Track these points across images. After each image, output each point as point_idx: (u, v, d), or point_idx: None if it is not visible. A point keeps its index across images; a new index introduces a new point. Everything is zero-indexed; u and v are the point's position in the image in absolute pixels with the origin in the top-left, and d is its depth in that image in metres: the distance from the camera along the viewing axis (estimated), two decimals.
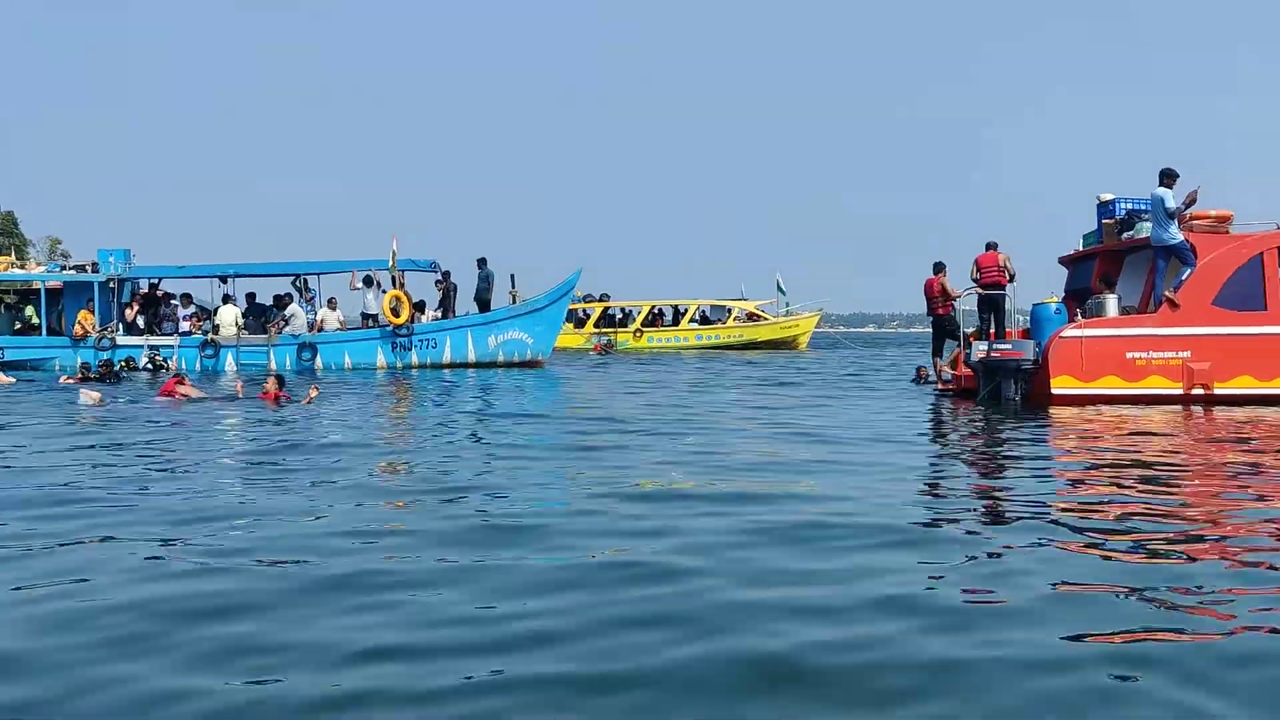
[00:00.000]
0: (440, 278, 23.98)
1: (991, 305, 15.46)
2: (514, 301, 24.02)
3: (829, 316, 53.45)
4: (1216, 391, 12.68)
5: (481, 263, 24.14)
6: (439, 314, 23.89)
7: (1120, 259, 14.84)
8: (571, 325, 35.40)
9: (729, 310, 38.48)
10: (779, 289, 40.97)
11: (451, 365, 22.81)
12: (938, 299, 16.43)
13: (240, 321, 23.02)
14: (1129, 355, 12.85)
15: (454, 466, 7.56)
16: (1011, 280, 15.44)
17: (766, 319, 38.47)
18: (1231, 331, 12.84)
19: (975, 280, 15.57)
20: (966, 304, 16.08)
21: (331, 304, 23.84)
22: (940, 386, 16.03)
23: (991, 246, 15.57)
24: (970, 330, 15.77)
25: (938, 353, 17.00)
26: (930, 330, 17.40)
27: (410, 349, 22.85)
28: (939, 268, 16.51)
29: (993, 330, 15.29)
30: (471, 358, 23.05)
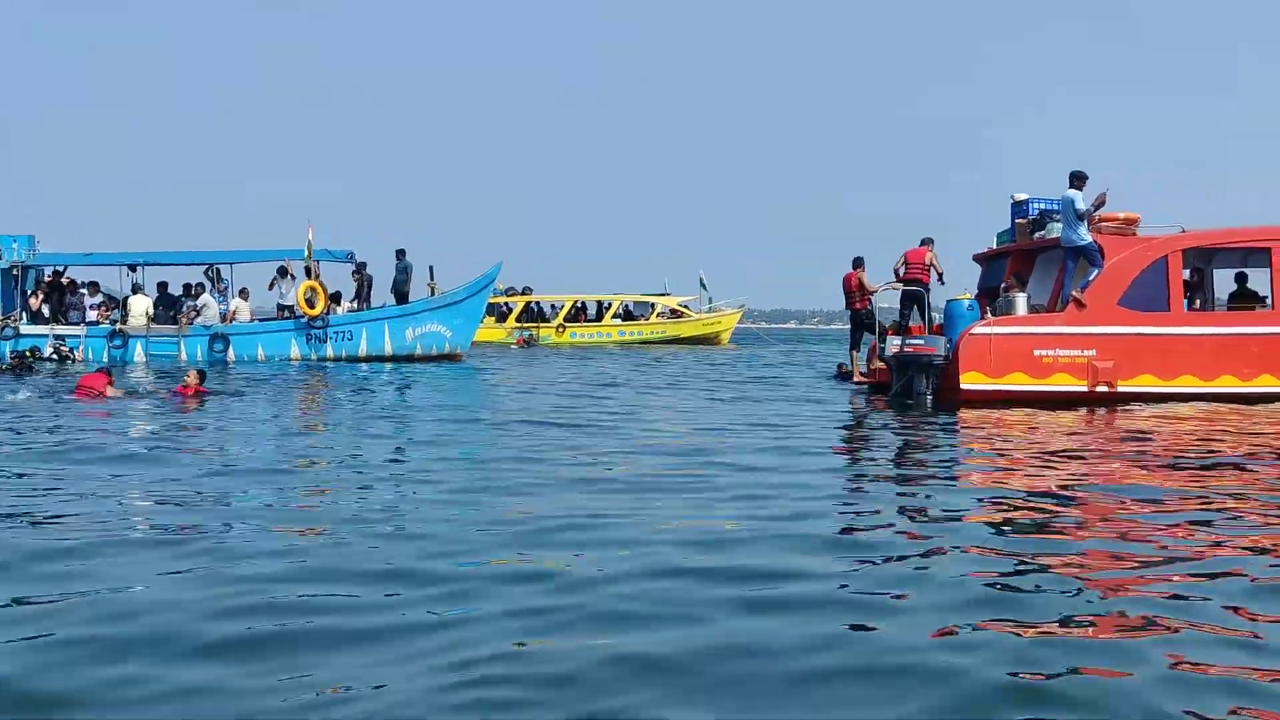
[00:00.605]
0: (357, 269, 23.60)
1: (914, 300, 15.63)
2: (432, 294, 23.74)
3: (751, 313, 53.79)
4: (1119, 389, 12.97)
5: (400, 254, 23.82)
6: (355, 305, 23.53)
7: (1032, 258, 15.13)
8: (493, 319, 35.05)
9: (652, 306, 38.45)
10: (701, 285, 41.03)
11: (368, 358, 22.46)
12: (855, 294, 16.57)
13: (150, 311, 22.43)
14: (1036, 353, 13.08)
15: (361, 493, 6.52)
16: (939, 278, 15.58)
17: (690, 315, 38.54)
18: (1135, 331, 13.14)
19: (898, 274, 15.72)
20: (886, 300, 16.19)
21: (244, 294, 23.33)
22: (857, 380, 16.19)
23: (926, 242, 15.71)
24: (888, 325, 15.92)
25: (855, 347, 17.16)
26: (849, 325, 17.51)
27: (325, 341, 22.45)
28: (858, 263, 16.64)
29: (917, 325, 15.44)
30: (388, 351, 22.72)
